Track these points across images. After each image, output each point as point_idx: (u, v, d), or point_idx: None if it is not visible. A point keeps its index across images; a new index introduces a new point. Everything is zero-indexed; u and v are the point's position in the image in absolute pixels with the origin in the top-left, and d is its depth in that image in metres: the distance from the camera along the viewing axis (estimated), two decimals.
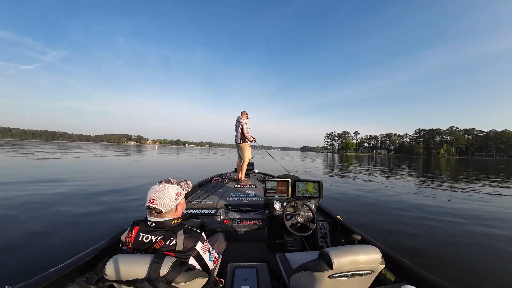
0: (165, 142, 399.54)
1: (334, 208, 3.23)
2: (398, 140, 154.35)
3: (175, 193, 1.29)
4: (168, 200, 1.25)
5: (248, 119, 4.88)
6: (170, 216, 1.28)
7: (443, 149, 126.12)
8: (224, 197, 3.29)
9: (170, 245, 1.19)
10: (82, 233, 3.39)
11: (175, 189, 1.31)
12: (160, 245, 1.18)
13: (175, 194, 1.29)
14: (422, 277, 1.44)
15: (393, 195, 7.25)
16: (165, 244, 1.19)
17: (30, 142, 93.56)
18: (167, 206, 1.24)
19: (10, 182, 6.73)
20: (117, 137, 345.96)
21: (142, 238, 1.21)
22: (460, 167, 25.45)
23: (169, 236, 1.21)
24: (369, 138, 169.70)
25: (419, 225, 4.32)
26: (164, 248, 1.18)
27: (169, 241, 1.19)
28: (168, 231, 1.22)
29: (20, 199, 4.95)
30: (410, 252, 3.13)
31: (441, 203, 6.21)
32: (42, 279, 1.24)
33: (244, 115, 4.87)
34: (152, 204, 1.22)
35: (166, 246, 1.19)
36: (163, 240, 1.20)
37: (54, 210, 4.33)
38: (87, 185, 6.83)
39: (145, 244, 1.20)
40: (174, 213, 1.30)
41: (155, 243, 1.19)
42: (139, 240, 1.21)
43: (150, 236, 1.21)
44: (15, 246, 2.87)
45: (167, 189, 1.27)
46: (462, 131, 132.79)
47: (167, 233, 1.22)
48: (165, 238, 1.20)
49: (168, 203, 1.25)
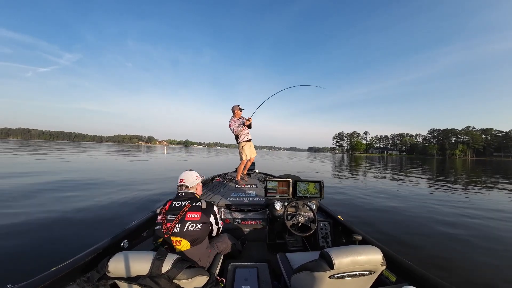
0: (174, 143, 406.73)
1: (350, 212, 3.12)
2: (410, 141, 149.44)
3: (195, 175, 1.89)
4: (192, 179, 1.84)
5: (241, 111, 4.56)
6: (193, 190, 1.82)
7: (458, 149, 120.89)
8: (225, 197, 3.30)
9: (197, 205, 1.66)
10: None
11: (196, 173, 1.91)
12: (188, 207, 1.62)
13: (195, 176, 1.88)
14: (424, 277, 1.42)
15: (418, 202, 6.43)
16: (193, 206, 1.64)
17: (49, 142, 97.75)
18: (192, 183, 1.82)
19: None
20: (129, 138, 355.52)
21: (175, 204, 1.64)
22: (478, 168, 24.28)
23: (195, 200, 1.70)
24: (379, 139, 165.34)
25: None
26: (192, 208, 1.62)
27: (195, 203, 1.67)
28: (194, 198, 1.73)
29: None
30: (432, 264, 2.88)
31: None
32: (44, 278, 1.25)
33: (235, 110, 4.53)
34: (181, 182, 1.80)
35: (193, 206, 1.64)
36: (190, 204, 1.65)
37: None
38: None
39: (177, 208, 1.61)
40: (195, 189, 1.84)
41: (184, 206, 1.62)
42: (173, 206, 1.63)
43: (180, 202, 1.65)
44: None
45: (191, 173, 1.88)
46: (479, 131, 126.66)
47: (193, 199, 1.71)
48: (192, 202, 1.67)
49: (192, 181, 1.83)
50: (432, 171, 18.88)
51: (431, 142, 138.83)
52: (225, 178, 4.81)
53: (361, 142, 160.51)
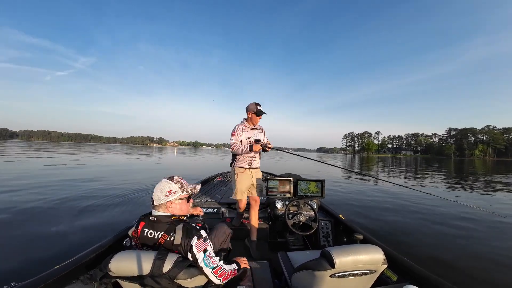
0: (183, 144, 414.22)
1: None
2: (426, 141, 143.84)
3: (168, 189, 1.32)
4: (160, 194, 1.30)
5: (260, 115, 2.59)
6: (161, 210, 1.31)
7: (478, 149, 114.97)
8: (226, 196, 3.32)
9: (170, 240, 1.21)
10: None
11: (170, 187, 1.33)
12: (164, 239, 1.21)
13: (167, 190, 1.31)
14: (425, 277, 1.40)
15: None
16: (167, 240, 1.21)
17: (68, 144, 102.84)
18: (158, 200, 1.30)
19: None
20: (141, 139, 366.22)
21: (147, 233, 1.25)
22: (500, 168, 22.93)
23: (170, 230, 1.23)
24: (392, 139, 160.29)
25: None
26: (167, 243, 1.20)
27: (169, 236, 1.21)
28: (170, 225, 1.25)
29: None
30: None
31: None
32: (47, 276, 1.24)
33: (250, 111, 2.59)
34: (152, 196, 1.33)
35: (168, 241, 1.21)
36: (166, 234, 1.22)
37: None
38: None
39: (150, 239, 1.24)
40: (165, 209, 1.31)
41: (159, 239, 1.22)
42: (145, 235, 1.26)
43: (153, 232, 1.25)
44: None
45: (163, 184, 1.34)
46: (500, 130, 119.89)
47: (169, 226, 1.24)
48: (167, 232, 1.22)
49: (159, 197, 1.30)
50: (450, 171, 18.00)
51: (448, 142, 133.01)
52: (226, 177, 4.83)
53: (372, 143, 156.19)
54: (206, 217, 2.50)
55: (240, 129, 2.63)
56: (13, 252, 2.80)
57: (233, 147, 2.55)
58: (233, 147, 2.55)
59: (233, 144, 2.56)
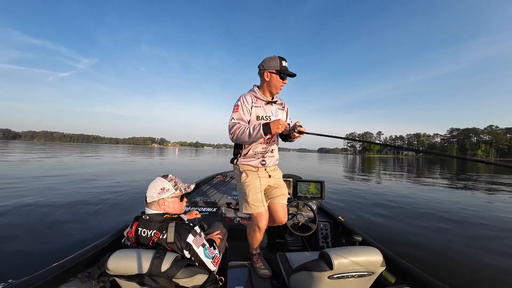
0: (185, 144, 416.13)
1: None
2: (427, 141, 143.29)
3: (160, 187, 1.33)
4: (153, 191, 1.32)
5: (284, 78, 1.60)
6: (154, 208, 1.33)
7: (481, 150, 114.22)
8: (226, 195, 3.31)
9: (163, 238, 1.21)
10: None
11: (163, 184, 1.34)
12: (157, 237, 1.23)
13: (160, 188, 1.32)
14: (423, 279, 1.39)
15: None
16: (160, 238, 1.22)
17: (70, 144, 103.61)
18: (150, 198, 1.32)
19: None
20: (143, 140, 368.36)
21: (141, 232, 1.27)
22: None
23: (163, 228, 1.24)
24: (394, 139, 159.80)
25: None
26: (160, 241, 1.22)
27: (161, 234, 1.22)
28: (162, 223, 1.26)
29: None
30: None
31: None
32: (45, 274, 1.22)
33: (267, 69, 1.59)
34: (146, 194, 1.35)
35: (161, 239, 1.22)
36: (159, 232, 1.23)
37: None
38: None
39: (144, 238, 1.25)
40: (157, 207, 1.32)
41: (153, 237, 1.23)
42: (139, 234, 1.27)
43: (147, 230, 1.26)
44: None
45: (157, 182, 1.35)
46: (503, 130, 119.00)
47: (161, 225, 1.26)
48: (160, 230, 1.23)
49: (152, 194, 1.32)
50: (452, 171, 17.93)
51: (450, 142, 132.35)
52: (226, 177, 4.80)
53: None
54: (205, 217, 2.50)
55: (249, 101, 1.60)
56: (11, 250, 2.78)
57: (234, 130, 1.52)
58: (235, 130, 1.52)
59: (235, 125, 1.54)
